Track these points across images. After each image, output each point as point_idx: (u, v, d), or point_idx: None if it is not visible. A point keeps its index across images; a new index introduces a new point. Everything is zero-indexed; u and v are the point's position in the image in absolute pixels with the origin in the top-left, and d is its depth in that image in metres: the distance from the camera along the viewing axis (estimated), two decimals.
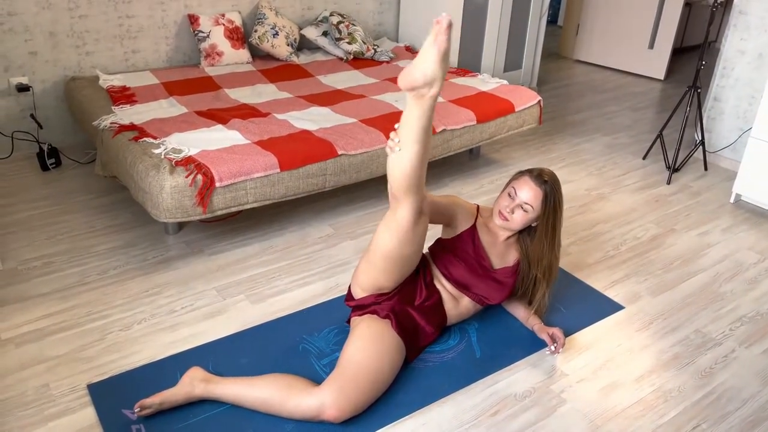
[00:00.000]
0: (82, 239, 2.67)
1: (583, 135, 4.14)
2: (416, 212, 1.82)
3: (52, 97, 3.36)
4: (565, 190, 3.33)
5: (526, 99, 3.38)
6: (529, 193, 1.99)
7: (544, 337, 2.11)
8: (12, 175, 3.18)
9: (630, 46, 5.60)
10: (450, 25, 1.52)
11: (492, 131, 3.26)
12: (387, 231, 1.86)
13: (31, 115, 3.29)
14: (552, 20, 7.59)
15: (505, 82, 3.57)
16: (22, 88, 3.22)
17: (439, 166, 3.53)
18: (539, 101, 3.44)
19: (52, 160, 3.24)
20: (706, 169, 3.68)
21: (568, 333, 2.23)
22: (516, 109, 3.31)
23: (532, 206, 1.99)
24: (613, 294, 2.47)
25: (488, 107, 3.22)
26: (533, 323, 2.19)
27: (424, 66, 1.58)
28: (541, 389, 1.98)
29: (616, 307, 2.40)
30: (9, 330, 2.13)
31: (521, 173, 2.05)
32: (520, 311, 2.25)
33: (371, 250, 1.93)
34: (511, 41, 4.56)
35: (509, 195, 2.03)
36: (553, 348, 2.08)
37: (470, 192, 3.26)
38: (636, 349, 2.18)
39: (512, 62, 4.67)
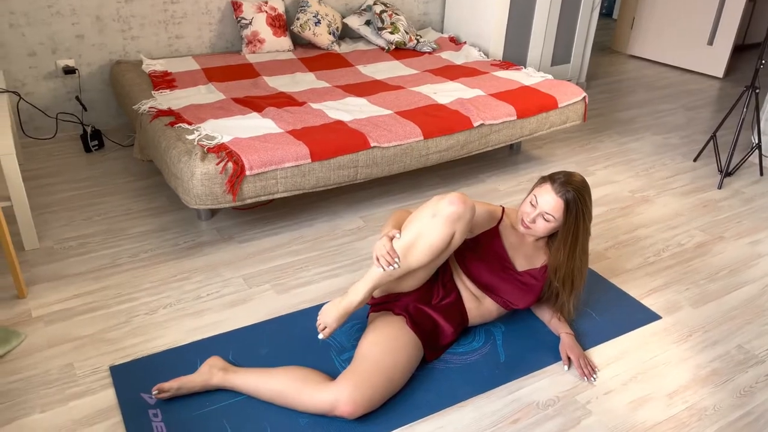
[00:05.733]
0: (118, 221, 2.71)
1: (631, 134, 3.98)
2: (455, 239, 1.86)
3: (98, 80, 3.43)
4: (607, 191, 3.21)
5: (571, 94, 3.26)
6: (550, 203, 1.89)
7: (562, 353, 2.04)
8: (56, 155, 3.27)
9: (688, 41, 5.35)
10: (324, 336, 1.87)
11: (533, 127, 3.16)
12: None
13: (77, 98, 3.36)
14: (607, 13, 7.34)
15: (549, 76, 3.45)
16: (69, 71, 3.29)
17: (476, 161, 3.45)
18: (584, 97, 3.32)
19: (95, 142, 3.30)
20: (761, 174, 3.48)
21: (598, 341, 2.14)
22: (559, 105, 3.20)
23: (553, 216, 1.90)
24: (650, 302, 2.36)
25: (530, 102, 3.12)
26: (559, 330, 2.10)
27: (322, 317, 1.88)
28: (565, 399, 1.90)
29: (652, 317, 2.28)
30: (41, 308, 2.18)
31: (545, 179, 1.95)
32: (546, 315, 2.17)
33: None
34: (560, 34, 4.41)
35: (531, 203, 1.94)
36: (566, 368, 2.00)
37: (507, 189, 3.17)
38: (671, 362, 2.07)
39: (560, 56, 4.52)
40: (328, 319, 1.84)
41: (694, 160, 3.61)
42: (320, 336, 1.86)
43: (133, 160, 3.22)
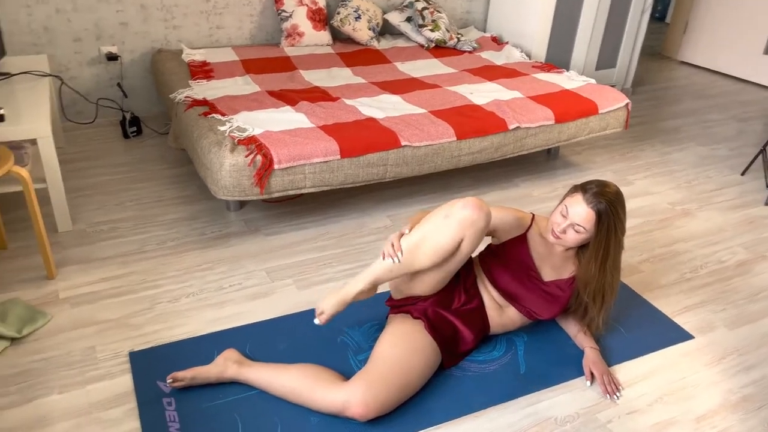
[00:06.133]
0: (150, 208, 2.75)
1: (676, 143, 3.84)
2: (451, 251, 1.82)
3: (139, 68, 3.49)
4: (646, 202, 3.10)
5: (613, 100, 3.15)
6: (581, 214, 1.81)
7: (585, 369, 1.97)
8: (95, 140, 3.33)
9: (742, 49, 5.13)
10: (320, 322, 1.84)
11: (571, 132, 3.07)
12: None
13: (118, 84, 3.43)
14: (660, 17, 7.11)
15: (592, 80, 3.35)
16: (112, 57, 3.35)
17: (510, 165, 3.38)
18: (627, 104, 3.21)
19: (134, 129, 3.36)
20: None
21: (625, 358, 2.06)
22: (600, 111, 3.10)
23: (584, 227, 1.82)
24: (683, 321, 2.26)
25: (569, 107, 3.03)
26: (584, 344, 2.03)
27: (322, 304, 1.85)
28: (585, 416, 1.84)
29: (684, 336, 2.19)
30: (68, 289, 2.22)
31: (576, 188, 1.87)
32: (572, 328, 2.10)
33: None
34: (607, 37, 4.28)
35: (561, 213, 1.87)
36: (589, 384, 1.94)
37: (541, 195, 3.09)
38: (701, 384, 1.98)
39: (606, 60, 4.39)
40: (326, 306, 1.83)
41: (742, 174, 3.46)
42: (316, 321, 1.85)
43: (169, 148, 3.26)
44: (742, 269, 2.59)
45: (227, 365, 1.84)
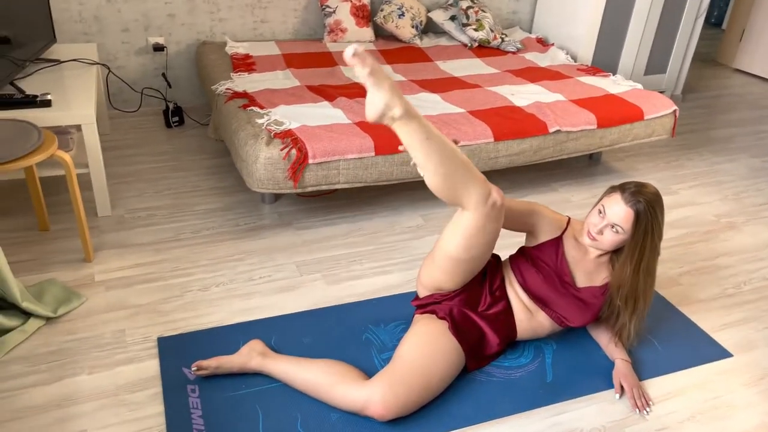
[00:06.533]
0: (186, 197, 2.79)
1: (725, 153, 3.70)
2: (482, 211, 1.71)
3: (184, 59, 3.55)
4: (690, 212, 2.99)
5: (660, 107, 3.06)
6: (619, 213, 1.77)
7: (615, 381, 1.91)
8: (139, 128, 3.41)
9: None
10: (354, 54, 1.51)
11: (614, 138, 2.99)
12: (454, 231, 1.77)
13: (163, 74, 3.49)
14: (717, 22, 6.87)
15: (638, 85, 3.25)
16: (158, 48, 3.42)
17: (550, 169, 3.31)
18: (675, 111, 3.10)
19: (176, 119, 3.42)
20: None
21: (658, 372, 1.99)
22: (645, 117, 3.01)
23: (622, 227, 1.78)
24: (722, 338, 2.17)
25: (613, 111, 2.95)
26: (615, 356, 1.97)
27: (369, 98, 1.60)
28: (612, 430, 1.78)
29: (723, 354, 2.10)
30: (104, 273, 2.27)
31: (614, 188, 1.83)
32: (602, 337, 2.04)
33: (436, 248, 1.85)
34: (658, 42, 4.15)
35: (599, 212, 1.82)
36: (618, 397, 1.88)
37: (580, 200, 3.02)
38: (738, 405, 1.90)
39: (656, 65, 4.26)
40: (374, 63, 1.56)
41: None
42: (350, 49, 1.50)
43: (209, 139, 3.31)
44: None
45: (251, 356, 1.85)
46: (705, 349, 2.11)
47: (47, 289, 2.11)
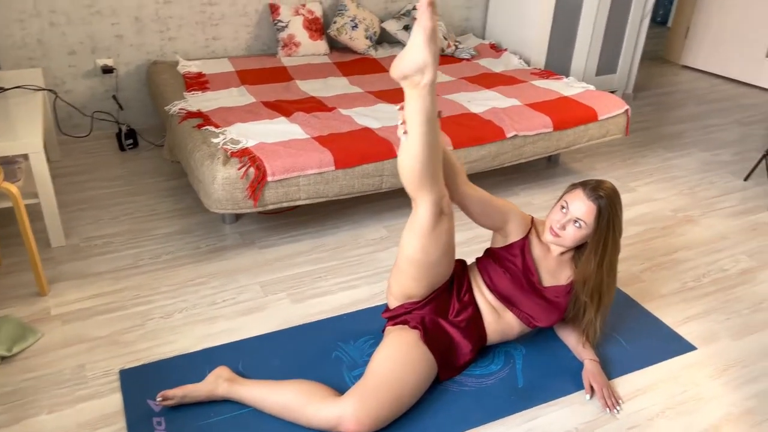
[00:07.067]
0: (143, 221, 2.72)
1: (678, 149, 3.79)
2: (435, 212, 1.71)
3: (135, 80, 3.47)
4: (648, 208, 3.05)
5: (612, 107, 3.12)
6: (582, 208, 1.81)
7: (585, 381, 1.93)
8: (91, 153, 3.32)
9: (745, 52, 5.09)
10: (430, 2, 1.44)
11: (570, 140, 3.03)
12: (409, 234, 1.78)
13: (113, 97, 3.41)
14: (662, 21, 7.07)
15: (591, 87, 3.31)
16: (107, 70, 3.34)
17: (509, 173, 3.34)
18: (627, 110, 3.17)
19: (130, 141, 3.34)
20: None
21: (626, 370, 2.01)
22: (599, 118, 3.06)
23: (585, 222, 1.81)
24: (685, 332, 2.22)
25: (568, 114, 2.99)
26: (583, 356, 1.99)
27: (412, 51, 1.51)
28: (585, 431, 1.80)
29: (687, 347, 2.14)
30: (60, 306, 2.19)
31: (575, 185, 1.87)
32: (570, 338, 2.06)
33: (398, 254, 1.84)
34: (607, 43, 4.25)
35: (561, 208, 1.85)
36: (588, 398, 1.89)
37: (541, 203, 3.05)
38: (704, 397, 1.93)
39: (606, 65, 4.35)
40: (417, 56, 1.52)
41: (745, 180, 3.41)
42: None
43: (165, 161, 3.24)
44: (746, 278, 2.55)
45: (218, 383, 1.80)
46: (670, 344, 2.15)
47: (1, 327, 2.02)
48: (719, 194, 3.25)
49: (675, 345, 2.15)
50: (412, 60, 1.52)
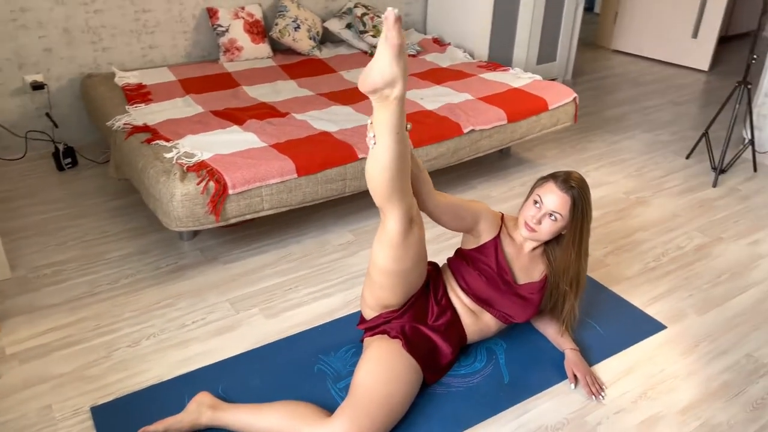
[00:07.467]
0: (95, 245, 2.57)
1: (621, 132, 3.91)
2: (404, 223, 1.69)
3: (68, 95, 3.28)
4: (602, 192, 3.13)
5: (561, 96, 3.18)
6: (556, 201, 1.82)
7: (567, 371, 1.96)
8: (27, 176, 3.11)
9: (672, 34, 5.31)
10: (397, 19, 1.42)
11: (524, 131, 3.07)
12: (380, 245, 1.74)
13: (47, 114, 3.21)
14: (589, 7, 7.28)
15: (538, 77, 3.36)
16: (37, 86, 3.14)
17: (466, 167, 3.35)
18: (575, 98, 3.23)
19: (68, 160, 3.16)
20: (755, 170, 3.42)
21: (604, 355, 2.05)
22: (550, 107, 3.11)
23: (560, 214, 1.83)
24: (654, 311, 2.28)
25: (520, 105, 3.03)
26: (564, 346, 2.02)
27: (380, 65, 1.49)
28: (574, 421, 1.81)
29: (657, 327, 2.21)
30: (14, 345, 2.04)
31: (545, 179, 1.89)
32: (549, 330, 2.08)
33: (370, 265, 1.81)
34: (545, 32, 4.33)
35: (535, 203, 1.86)
36: (573, 387, 1.92)
37: (499, 195, 3.08)
38: (680, 375, 2.00)
39: (546, 54, 4.44)
40: (385, 71, 1.49)
41: (687, 158, 3.55)
42: (393, 14, 1.42)
43: (109, 178, 3.08)
44: (702, 253, 2.65)
45: (201, 411, 1.72)
46: (642, 325, 2.21)
47: None
48: (665, 174, 3.37)
49: (646, 326, 2.21)
50: (381, 75, 1.50)
